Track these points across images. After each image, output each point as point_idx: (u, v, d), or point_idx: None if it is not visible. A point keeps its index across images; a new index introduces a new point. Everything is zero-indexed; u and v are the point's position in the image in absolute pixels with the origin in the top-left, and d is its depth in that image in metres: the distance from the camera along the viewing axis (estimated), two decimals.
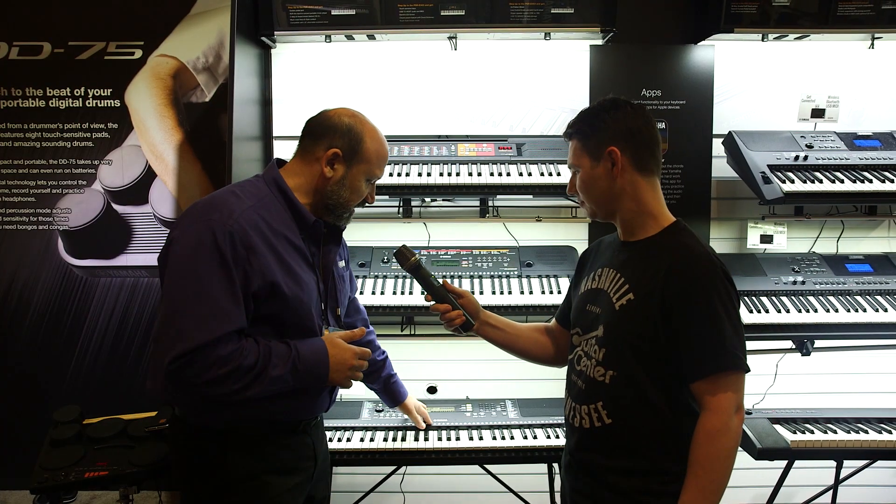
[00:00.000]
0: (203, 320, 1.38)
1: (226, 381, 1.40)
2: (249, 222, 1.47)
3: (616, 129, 1.51)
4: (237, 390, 1.42)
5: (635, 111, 1.54)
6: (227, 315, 1.40)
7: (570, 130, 1.59)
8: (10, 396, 3.13)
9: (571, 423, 1.58)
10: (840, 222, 2.78)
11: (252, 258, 1.45)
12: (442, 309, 1.74)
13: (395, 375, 2.23)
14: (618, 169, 1.51)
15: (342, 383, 1.61)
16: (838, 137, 2.69)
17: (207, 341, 1.37)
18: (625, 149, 1.50)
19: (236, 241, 1.43)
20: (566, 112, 2.80)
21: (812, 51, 2.77)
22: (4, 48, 3.06)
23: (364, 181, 1.66)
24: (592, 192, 1.56)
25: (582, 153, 1.56)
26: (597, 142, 1.53)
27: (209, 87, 3.09)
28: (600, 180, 1.54)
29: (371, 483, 2.58)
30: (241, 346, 1.43)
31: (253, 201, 1.53)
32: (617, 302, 1.50)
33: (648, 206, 1.54)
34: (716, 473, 1.38)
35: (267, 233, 1.51)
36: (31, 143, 3.11)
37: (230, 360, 1.40)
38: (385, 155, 1.69)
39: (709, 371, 1.40)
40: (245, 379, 1.42)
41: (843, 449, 2.28)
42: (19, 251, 3.14)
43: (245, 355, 1.43)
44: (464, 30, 2.57)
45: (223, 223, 1.43)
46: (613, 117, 1.52)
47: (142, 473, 2.16)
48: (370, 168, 1.65)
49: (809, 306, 2.45)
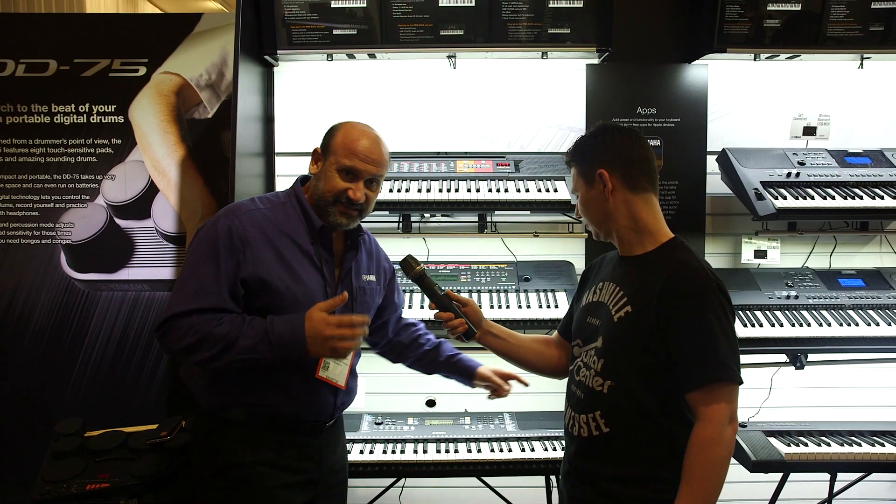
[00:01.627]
0: (186, 295, 1.58)
1: (200, 347, 1.54)
2: (252, 221, 1.65)
3: (604, 153, 1.60)
4: (211, 357, 1.54)
5: (622, 133, 1.62)
6: (206, 292, 1.57)
7: (568, 159, 1.71)
8: (12, 408, 3.14)
9: (571, 431, 1.61)
10: (832, 238, 2.82)
11: (247, 251, 1.61)
12: (445, 317, 1.80)
13: (458, 354, 2.07)
14: (608, 190, 1.58)
15: (326, 354, 1.60)
16: (829, 155, 2.74)
17: (183, 311, 1.55)
18: (613, 170, 1.58)
19: (233, 235, 1.61)
20: (563, 129, 2.85)
21: (803, 70, 2.83)
22: (11, 65, 3.11)
23: (335, 172, 1.68)
24: (591, 214, 1.65)
25: (578, 178, 1.66)
26: (588, 166, 1.62)
27: (212, 103, 3.14)
28: (595, 202, 1.62)
29: (370, 496, 2.59)
30: (217, 316, 1.57)
31: (266, 206, 1.71)
32: (616, 314, 1.54)
33: (644, 222, 1.59)
34: (709, 482, 1.41)
35: (270, 232, 1.66)
36: (35, 158, 3.15)
37: (202, 328, 1.54)
38: (355, 147, 1.68)
39: (703, 382, 1.43)
40: (217, 346, 1.53)
41: (837, 462, 2.31)
42: (22, 265, 3.17)
43: (218, 325, 1.55)
44: (463, 49, 2.63)
45: (227, 220, 1.64)
46: (602, 142, 1.62)
47: (143, 486, 2.17)
48: (337, 158, 1.69)
49: (803, 320, 2.49)
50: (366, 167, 1.69)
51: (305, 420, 1.73)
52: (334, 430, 1.86)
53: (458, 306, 1.82)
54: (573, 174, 1.68)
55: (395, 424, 2.53)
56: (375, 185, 1.76)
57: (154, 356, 3.18)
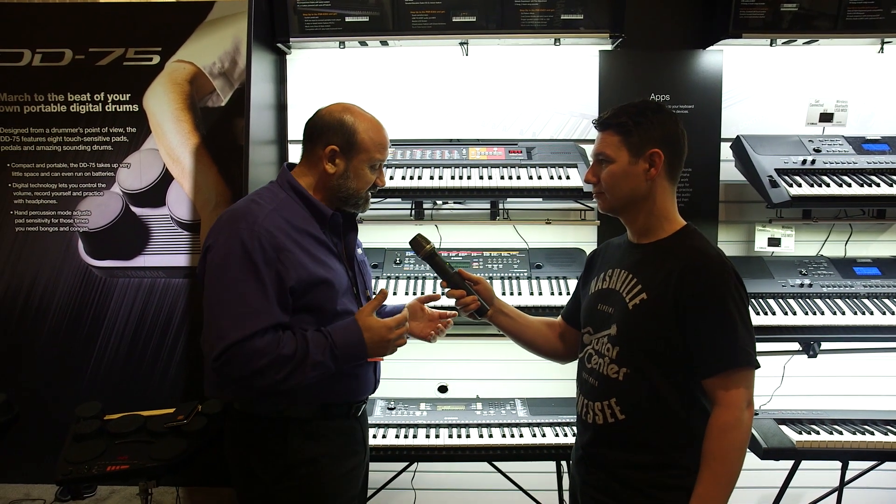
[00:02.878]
0: (238, 319, 1.49)
1: (268, 371, 1.49)
2: (274, 224, 1.58)
3: (661, 133, 1.53)
4: (280, 379, 1.51)
5: (674, 118, 1.56)
6: (259, 312, 1.51)
7: (611, 121, 1.56)
8: (34, 392, 3.21)
9: (585, 419, 1.62)
10: (848, 226, 2.79)
11: (283, 257, 1.55)
12: (457, 294, 1.80)
13: None
14: (654, 172, 1.53)
15: (387, 354, 1.67)
16: (846, 141, 2.71)
17: (243, 337, 1.48)
18: (665, 154, 1.53)
19: (265, 245, 1.54)
20: (576, 117, 2.84)
21: (821, 55, 2.79)
22: (28, 55, 3.15)
23: (367, 168, 1.70)
24: (620, 187, 1.56)
25: (621, 147, 1.54)
26: (640, 140, 1.53)
27: (225, 91, 3.16)
28: (633, 178, 1.55)
29: (382, 480, 2.62)
30: (279, 336, 1.52)
31: (273, 205, 1.63)
32: (630, 302, 1.53)
33: (666, 210, 1.58)
34: (729, 465, 1.42)
35: (291, 231, 1.60)
36: (52, 147, 3.19)
37: (268, 352, 1.49)
38: (382, 140, 1.72)
39: (722, 368, 1.44)
40: (286, 368, 1.51)
41: (849, 450, 2.31)
42: (41, 252, 3.22)
43: (283, 346, 1.51)
44: (475, 36, 2.62)
45: (250, 230, 1.54)
46: (659, 120, 1.54)
47: (161, 468, 2.22)
48: (370, 156, 1.69)
49: (816, 308, 2.47)
50: (385, 155, 1.76)
51: (353, 402, 1.74)
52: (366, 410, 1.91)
53: (469, 284, 1.82)
54: (610, 139, 1.56)
55: (408, 410, 2.55)
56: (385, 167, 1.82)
57: (170, 341, 3.24)
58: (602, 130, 1.60)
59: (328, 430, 1.68)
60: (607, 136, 1.58)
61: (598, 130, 1.61)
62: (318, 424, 1.66)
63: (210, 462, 2.60)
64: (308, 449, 1.65)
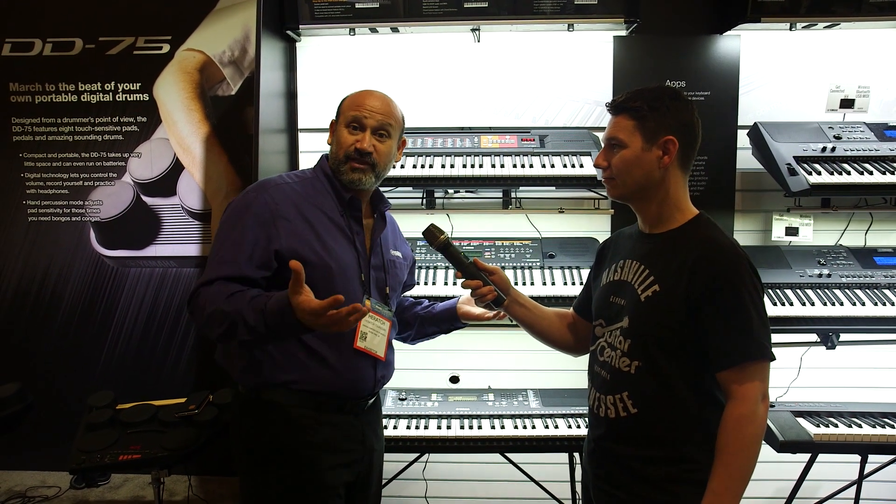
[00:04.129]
0: (210, 266, 1.58)
1: (212, 321, 1.50)
2: (282, 194, 1.66)
3: (677, 120, 1.50)
4: (221, 335, 1.50)
5: (690, 106, 1.53)
6: (225, 262, 1.57)
7: (625, 105, 1.53)
8: (48, 381, 3.24)
9: (597, 413, 1.60)
10: (868, 215, 2.73)
11: (278, 223, 1.61)
12: (473, 285, 1.75)
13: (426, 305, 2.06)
14: (667, 159, 1.50)
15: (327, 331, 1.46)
16: (868, 128, 2.65)
17: (203, 282, 1.56)
18: (680, 142, 1.50)
19: (262, 207, 1.61)
20: (589, 104, 2.80)
21: (842, 39, 2.72)
22: (39, 45, 3.15)
23: (344, 129, 1.73)
24: (632, 174, 1.53)
25: (635, 132, 1.51)
26: (655, 126, 1.50)
27: (235, 80, 3.14)
28: (644, 164, 1.51)
29: (394, 470, 2.62)
30: (231, 290, 1.52)
31: (293, 180, 1.72)
32: (642, 294, 1.51)
33: (678, 199, 1.55)
34: (744, 459, 1.40)
35: (301, 205, 1.66)
36: (63, 136, 3.20)
37: (213, 300, 1.50)
38: (357, 99, 1.74)
39: (737, 360, 1.41)
40: (222, 324, 1.48)
41: (868, 443, 2.26)
42: (54, 242, 3.24)
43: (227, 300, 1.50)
44: (487, 22, 2.58)
45: (255, 194, 1.65)
46: (675, 107, 1.51)
47: (173, 457, 2.23)
48: (344, 116, 1.74)
49: (835, 299, 2.43)
50: (371, 114, 1.71)
51: (348, 397, 1.70)
52: (374, 409, 1.85)
53: (485, 275, 1.78)
54: (624, 123, 1.52)
55: (419, 400, 2.54)
56: (386, 138, 1.74)
57: (182, 332, 3.25)
58: (615, 114, 1.56)
59: (316, 422, 1.67)
60: (621, 121, 1.54)
61: (612, 114, 1.57)
62: (303, 413, 1.66)
63: (222, 451, 2.60)
64: (288, 437, 1.65)
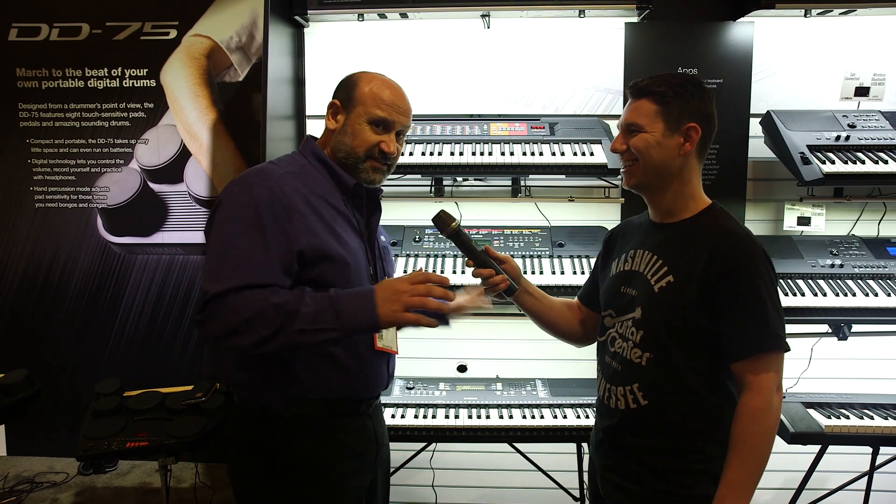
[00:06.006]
0: (230, 270, 1.35)
1: (254, 325, 1.30)
2: (288, 185, 1.47)
3: (700, 108, 1.48)
4: (268, 336, 1.30)
5: (711, 95, 1.52)
6: (255, 267, 1.36)
7: (649, 89, 1.49)
8: (55, 368, 3.25)
9: (607, 404, 1.58)
10: (882, 204, 2.70)
11: (293, 218, 1.43)
12: (485, 273, 1.67)
13: None
14: (688, 147, 1.48)
15: (399, 318, 1.37)
16: (883, 117, 2.61)
17: (231, 287, 1.32)
18: (702, 130, 1.48)
19: (275, 202, 1.42)
20: (600, 91, 2.76)
21: (858, 26, 2.68)
22: (45, 30, 3.13)
23: (366, 125, 1.57)
24: (652, 158, 1.49)
25: (657, 117, 1.48)
26: (679, 112, 1.47)
27: (242, 66, 3.12)
28: (666, 151, 1.48)
29: (401, 459, 2.62)
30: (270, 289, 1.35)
31: (291, 168, 1.54)
32: (656, 284, 1.48)
33: (692, 188, 1.53)
34: (759, 451, 1.39)
35: (309, 196, 1.49)
36: (70, 122, 3.18)
37: (254, 304, 1.31)
38: (384, 96, 1.58)
39: (752, 351, 1.40)
40: (276, 321, 1.31)
41: (880, 435, 2.25)
42: (60, 229, 3.23)
43: (273, 295, 1.33)
44: (497, 8, 2.54)
45: (262, 185, 1.44)
46: (699, 95, 1.49)
47: (180, 445, 2.22)
48: (367, 109, 1.56)
49: (847, 290, 2.40)
50: (398, 117, 1.59)
51: (363, 398, 1.60)
52: (379, 404, 1.78)
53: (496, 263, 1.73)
54: (646, 108, 1.49)
55: (427, 389, 2.53)
56: (402, 138, 1.66)
57: (189, 318, 3.24)
58: (637, 97, 1.52)
59: (333, 429, 1.55)
60: (643, 104, 1.50)
61: (633, 97, 1.53)
62: (323, 425, 1.53)
63: None
64: (310, 449, 1.52)
